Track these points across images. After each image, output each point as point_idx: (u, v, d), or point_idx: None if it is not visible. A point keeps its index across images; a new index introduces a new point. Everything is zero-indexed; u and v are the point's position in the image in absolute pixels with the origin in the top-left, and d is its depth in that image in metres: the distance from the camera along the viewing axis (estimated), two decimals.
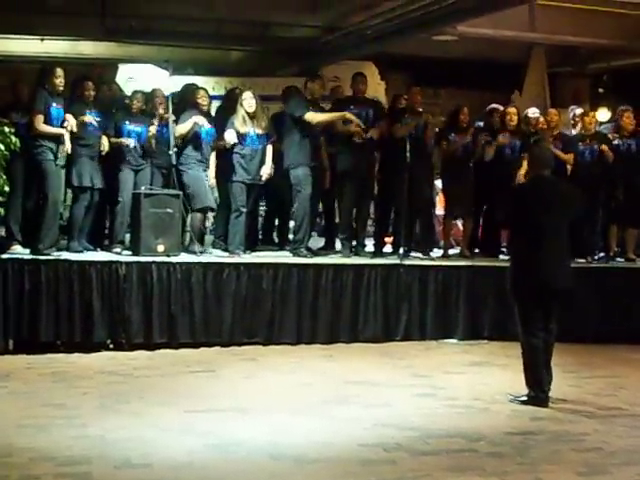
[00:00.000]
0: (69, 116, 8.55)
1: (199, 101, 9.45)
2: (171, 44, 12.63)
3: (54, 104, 8.49)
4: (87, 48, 13.41)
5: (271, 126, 9.56)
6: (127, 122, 9.19)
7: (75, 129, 8.58)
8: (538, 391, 6.65)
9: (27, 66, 12.12)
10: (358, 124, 9.37)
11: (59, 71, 8.57)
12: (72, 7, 11.15)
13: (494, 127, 10.39)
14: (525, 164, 8.20)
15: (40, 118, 8.39)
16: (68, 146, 8.53)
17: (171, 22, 11.89)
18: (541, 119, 10.52)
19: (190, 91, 9.84)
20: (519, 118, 10.34)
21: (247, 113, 9.30)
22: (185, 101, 9.76)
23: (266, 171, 9.41)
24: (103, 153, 8.99)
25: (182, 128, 9.25)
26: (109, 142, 9.02)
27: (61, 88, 8.59)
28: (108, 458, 5.12)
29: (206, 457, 5.22)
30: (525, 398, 6.70)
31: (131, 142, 9.09)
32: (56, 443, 5.37)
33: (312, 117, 9.39)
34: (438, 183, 11.13)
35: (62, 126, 8.52)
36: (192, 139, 9.33)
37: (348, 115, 9.40)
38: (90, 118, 8.84)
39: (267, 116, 9.77)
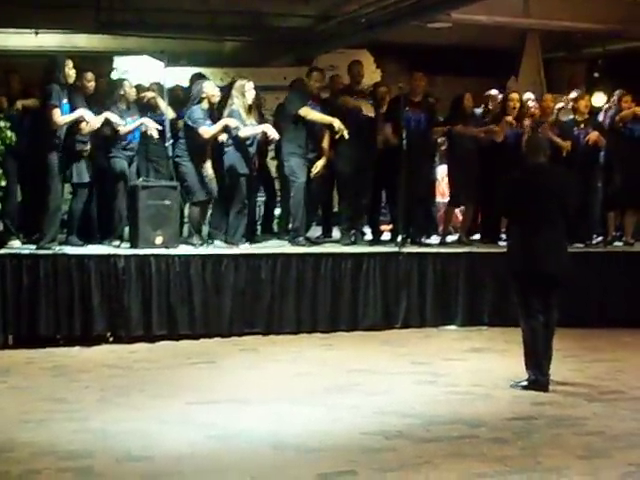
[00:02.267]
0: (89, 115, 8.51)
1: (208, 93, 9.35)
2: (166, 36, 12.59)
3: (64, 100, 8.44)
4: (81, 41, 13.37)
5: (261, 118, 9.56)
6: (127, 117, 9.11)
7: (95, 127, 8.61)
8: (538, 374, 6.68)
9: (21, 60, 12.07)
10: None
11: (70, 62, 8.45)
12: (66, 0, 11.11)
13: (492, 113, 10.38)
14: None
15: (57, 112, 8.27)
16: (95, 121, 8.54)
17: (165, 14, 11.86)
18: (536, 105, 10.51)
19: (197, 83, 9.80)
20: (521, 104, 10.31)
21: (249, 104, 9.27)
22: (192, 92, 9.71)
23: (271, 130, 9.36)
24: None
25: (211, 130, 9.14)
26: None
27: (72, 81, 8.52)
28: (109, 451, 5.12)
29: (208, 448, 5.22)
30: (526, 383, 6.72)
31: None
32: (57, 437, 5.37)
33: (305, 112, 9.40)
34: (439, 170, 11.12)
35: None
36: (189, 131, 9.30)
37: (337, 124, 9.34)
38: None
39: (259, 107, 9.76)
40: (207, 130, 9.14)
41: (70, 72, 8.42)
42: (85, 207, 9.01)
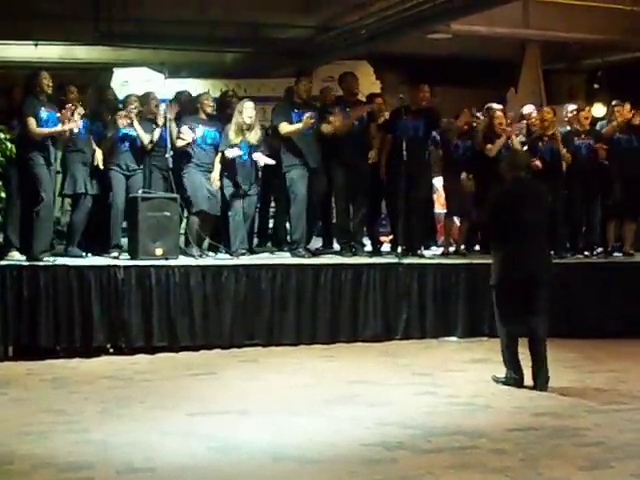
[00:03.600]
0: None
1: (205, 102, 9.44)
2: (165, 47, 12.63)
3: (43, 108, 8.46)
4: (81, 53, 13.42)
5: (264, 138, 9.56)
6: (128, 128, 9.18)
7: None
8: (512, 373, 7.12)
9: (21, 72, 12.09)
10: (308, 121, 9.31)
11: (44, 74, 8.53)
12: (65, 12, 11.15)
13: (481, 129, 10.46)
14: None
15: (32, 121, 8.33)
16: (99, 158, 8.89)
17: (165, 25, 11.89)
18: (533, 118, 10.55)
19: (190, 95, 9.85)
20: (506, 120, 10.31)
21: (244, 123, 9.29)
22: (183, 106, 9.79)
23: (260, 158, 9.36)
24: (98, 163, 9.02)
25: (178, 142, 9.26)
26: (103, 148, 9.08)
27: (49, 90, 8.56)
28: (110, 463, 5.11)
29: (209, 460, 5.21)
30: (504, 379, 7.17)
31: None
32: (58, 449, 5.36)
33: (282, 128, 9.44)
34: (436, 181, 11.13)
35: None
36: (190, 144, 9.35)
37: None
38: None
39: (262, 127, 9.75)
40: (179, 142, 9.24)
41: (44, 81, 8.46)
42: (85, 218, 9.02)
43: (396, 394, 6.92)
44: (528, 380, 7.08)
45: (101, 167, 9.05)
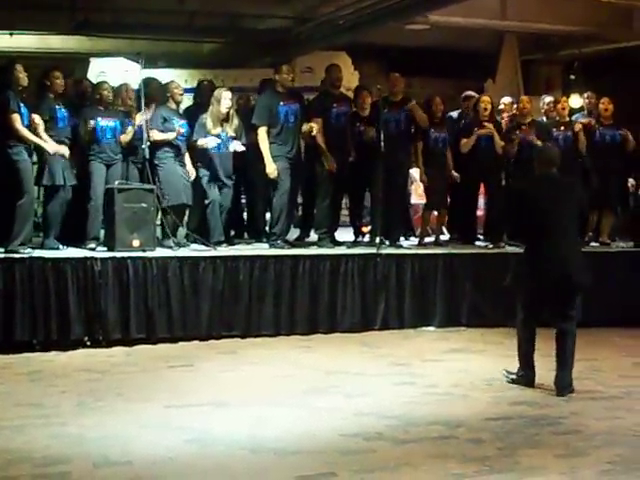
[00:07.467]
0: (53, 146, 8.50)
1: (175, 91, 9.38)
2: (142, 37, 12.56)
3: (22, 104, 8.30)
4: (57, 42, 13.32)
5: (241, 128, 9.50)
6: (99, 118, 9.08)
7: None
8: (526, 370, 6.81)
9: None
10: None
11: (19, 67, 8.38)
12: (42, 1, 11.06)
13: (469, 115, 10.44)
14: None
15: (17, 118, 8.17)
16: (66, 152, 8.60)
17: (142, 15, 11.83)
18: (507, 109, 10.59)
19: (158, 84, 9.75)
20: (492, 106, 10.32)
21: (221, 113, 9.25)
22: (149, 95, 9.69)
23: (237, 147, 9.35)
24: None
25: (159, 136, 9.15)
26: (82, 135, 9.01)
27: (25, 83, 8.46)
28: (87, 456, 5.07)
29: (186, 452, 5.19)
30: (515, 376, 6.87)
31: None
32: (34, 443, 5.31)
33: (260, 137, 9.31)
34: (413, 172, 11.13)
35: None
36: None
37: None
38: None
39: (240, 117, 9.66)
40: (155, 134, 9.15)
41: (20, 75, 8.34)
42: (62, 209, 8.95)
43: (374, 384, 6.93)
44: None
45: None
